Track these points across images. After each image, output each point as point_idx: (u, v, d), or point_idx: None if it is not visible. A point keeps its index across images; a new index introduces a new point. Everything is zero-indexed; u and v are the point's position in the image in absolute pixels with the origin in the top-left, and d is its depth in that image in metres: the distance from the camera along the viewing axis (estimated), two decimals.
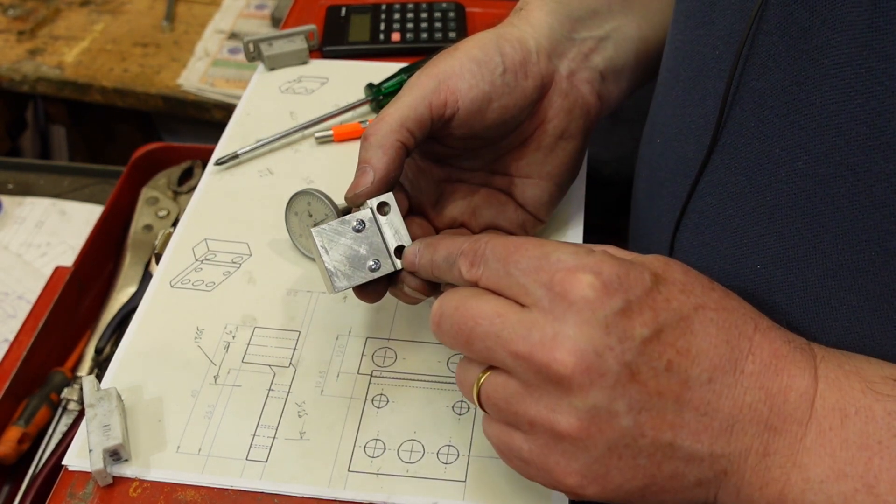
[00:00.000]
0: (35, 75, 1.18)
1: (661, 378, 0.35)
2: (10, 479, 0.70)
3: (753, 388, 0.35)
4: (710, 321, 0.36)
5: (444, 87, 0.46)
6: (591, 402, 0.34)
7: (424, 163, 0.51)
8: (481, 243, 0.39)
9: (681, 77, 0.47)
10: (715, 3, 0.43)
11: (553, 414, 0.35)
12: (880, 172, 0.36)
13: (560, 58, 0.51)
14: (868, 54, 0.35)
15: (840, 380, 0.36)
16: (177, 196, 0.87)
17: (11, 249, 0.90)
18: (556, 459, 0.36)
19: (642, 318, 0.35)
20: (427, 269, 0.43)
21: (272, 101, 0.70)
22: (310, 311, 0.54)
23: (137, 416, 0.48)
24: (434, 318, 0.39)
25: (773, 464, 0.36)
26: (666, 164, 0.49)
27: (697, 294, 0.36)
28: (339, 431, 0.47)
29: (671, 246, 0.49)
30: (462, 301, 0.38)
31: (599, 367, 0.34)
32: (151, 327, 0.53)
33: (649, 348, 0.35)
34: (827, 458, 0.35)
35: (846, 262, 0.38)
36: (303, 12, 0.82)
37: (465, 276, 0.39)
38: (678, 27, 0.48)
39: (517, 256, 0.37)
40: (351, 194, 0.45)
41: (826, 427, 0.35)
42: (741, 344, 0.36)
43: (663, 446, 0.35)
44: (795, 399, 0.36)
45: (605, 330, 0.34)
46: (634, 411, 0.35)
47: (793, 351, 0.37)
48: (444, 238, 0.42)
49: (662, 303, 0.35)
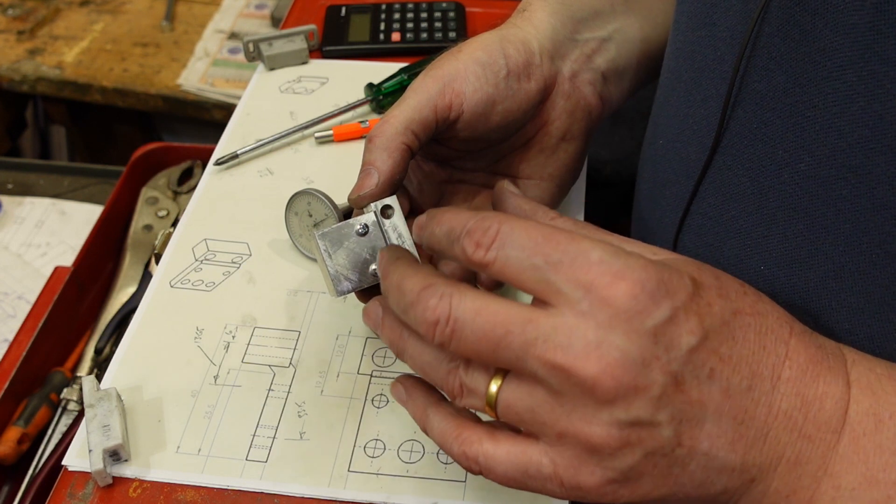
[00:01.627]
0: (35, 75, 1.18)
1: (704, 387, 0.33)
2: (9, 480, 0.70)
3: (790, 395, 0.34)
4: (748, 326, 0.35)
5: (448, 90, 0.46)
6: (634, 413, 0.33)
7: (426, 164, 0.51)
8: (493, 222, 0.35)
9: (683, 78, 0.47)
10: (717, 4, 0.43)
11: (588, 426, 0.33)
12: (882, 175, 0.36)
13: (563, 59, 0.51)
14: (870, 57, 0.35)
15: (873, 384, 0.35)
16: (177, 196, 0.87)
17: (11, 249, 0.90)
18: (590, 470, 0.34)
19: (689, 326, 0.33)
20: (429, 242, 0.39)
21: (272, 101, 0.70)
22: (310, 312, 0.53)
23: (137, 416, 0.48)
24: (445, 330, 0.34)
25: (804, 472, 0.35)
26: (669, 165, 0.49)
27: (733, 298, 0.35)
28: (339, 431, 0.47)
29: (674, 247, 0.49)
30: (484, 305, 0.34)
31: (646, 378, 0.32)
32: (151, 327, 0.53)
33: (695, 357, 0.33)
34: (860, 464, 0.34)
35: (848, 264, 0.38)
36: (303, 12, 0.82)
37: (470, 257, 0.35)
38: (679, 28, 0.48)
39: (547, 248, 0.33)
40: (355, 196, 0.45)
41: (860, 433, 0.34)
42: (778, 349, 0.35)
43: (698, 455, 0.34)
44: (831, 406, 0.35)
45: (654, 339, 0.32)
46: (676, 422, 0.33)
47: (827, 356, 0.36)
48: (448, 211, 0.38)
49: (706, 308, 0.34)
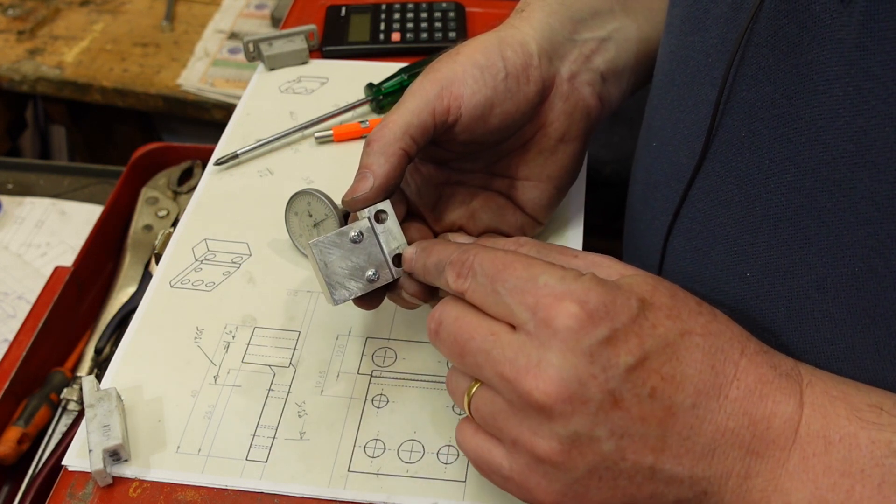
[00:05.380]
0: (35, 75, 1.18)
1: (645, 404, 0.35)
2: (9, 480, 0.70)
3: (737, 414, 0.36)
4: (695, 346, 0.36)
5: (447, 93, 0.46)
6: (573, 428, 0.35)
7: (424, 166, 0.51)
8: (470, 255, 0.39)
9: (675, 81, 0.47)
10: (708, 10, 0.43)
11: (534, 437, 0.35)
12: (865, 190, 0.36)
13: (561, 60, 0.51)
14: (856, 73, 0.35)
15: (825, 406, 0.36)
16: (177, 196, 0.87)
17: (11, 249, 0.90)
18: (537, 480, 0.36)
19: (627, 346, 0.35)
20: (420, 273, 0.43)
21: (272, 101, 0.70)
22: (310, 311, 0.54)
23: (137, 416, 0.48)
24: (432, 325, 0.39)
25: (754, 487, 0.36)
26: (660, 168, 0.49)
27: (684, 318, 0.36)
28: (339, 431, 0.47)
29: (663, 250, 0.49)
30: (463, 314, 0.38)
31: (582, 395, 0.34)
32: (151, 327, 0.53)
33: (633, 375, 0.35)
34: (809, 483, 0.35)
35: (831, 276, 0.39)
36: (303, 12, 0.82)
37: (451, 286, 0.39)
38: (673, 31, 0.48)
39: (505, 275, 0.37)
40: (349, 198, 0.45)
41: (809, 453, 0.35)
42: (726, 369, 0.36)
43: (644, 469, 0.35)
44: (779, 425, 0.36)
45: (590, 359, 0.34)
46: (616, 437, 0.35)
47: (779, 377, 0.37)
48: (438, 244, 0.43)
49: (648, 329, 0.35)
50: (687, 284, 0.39)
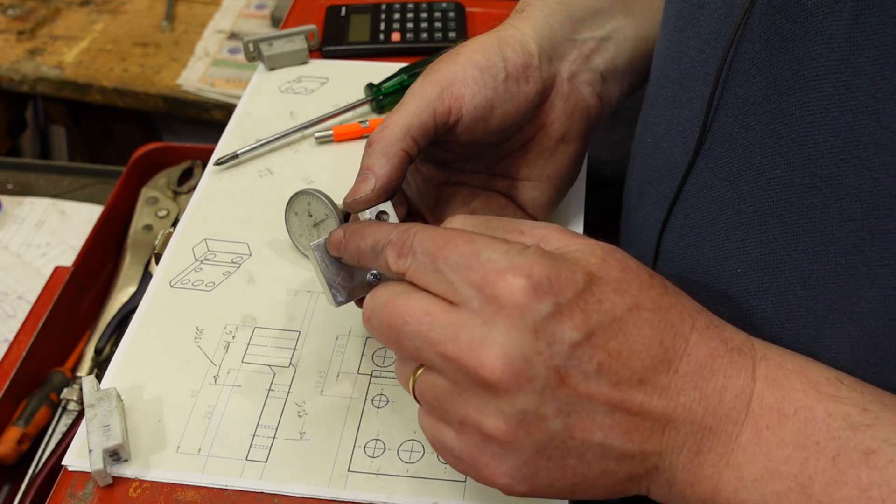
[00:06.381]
0: (35, 75, 1.18)
1: (591, 381, 0.34)
2: (9, 480, 0.70)
3: (688, 389, 0.35)
4: (644, 322, 0.35)
5: (447, 94, 0.46)
6: (519, 406, 0.34)
7: (425, 167, 0.51)
8: (410, 233, 0.37)
9: (670, 78, 0.47)
10: (703, 6, 0.43)
11: (481, 416, 0.35)
12: (850, 186, 0.36)
13: (561, 60, 0.51)
14: (845, 68, 0.35)
15: (780, 380, 0.36)
16: (177, 196, 0.87)
17: (11, 249, 0.90)
18: (486, 460, 0.36)
19: (572, 322, 0.34)
20: (353, 257, 0.41)
21: (272, 101, 0.70)
22: (310, 311, 0.54)
23: (137, 416, 0.48)
24: (365, 314, 0.38)
25: (706, 462, 0.35)
26: (655, 164, 0.49)
27: (633, 293, 0.36)
28: (339, 431, 0.47)
29: (657, 246, 0.49)
30: (392, 297, 0.37)
31: (527, 372, 0.34)
32: (151, 327, 0.53)
33: (579, 352, 0.34)
34: (762, 457, 0.35)
35: (815, 272, 0.39)
36: (303, 12, 0.82)
37: (391, 268, 0.38)
38: (668, 28, 0.48)
39: (446, 252, 0.36)
40: (350, 199, 0.45)
41: (763, 426, 0.35)
42: (676, 344, 0.36)
43: (593, 446, 0.35)
44: (731, 399, 0.35)
45: (534, 335, 0.34)
46: (563, 414, 0.34)
47: (730, 351, 0.36)
48: (370, 224, 0.41)
49: (594, 304, 0.35)
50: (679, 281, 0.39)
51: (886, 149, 0.34)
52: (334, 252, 0.43)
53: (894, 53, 0.33)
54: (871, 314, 0.37)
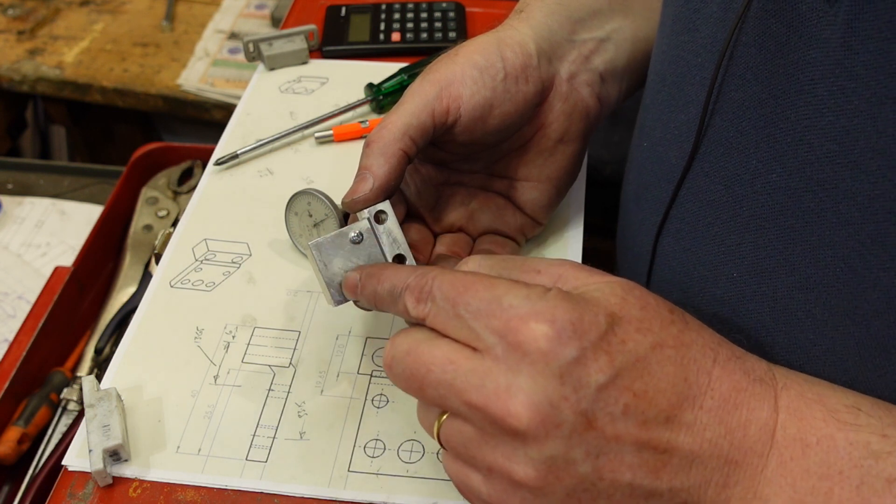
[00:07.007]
0: (35, 75, 1.18)
1: (619, 422, 0.34)
2: (9, 480, 0.70)
3: (713, 424, 0.35)
4: (667, 359, 0.35)
5: (445, 94, 0.46)
6: (548, 452, 0.34)
7: (423, 167, 0.51)
8: (428, 278, 0.37)
9: (667, 81, 0.47)
10: (699, 10, 0.43)
11: (510, 463, 0.34)
12: (847, 190, 0.36)
13: (560, 60, 0.51)
14: (840, 73, 0.35)
15: (801, 409, 0.36)
16: (177, 196, 0.87)
17: (11, 249, 0.90)
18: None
19: (597, 365, 0.34)
20: (370, 301, 0.41)
21: (272, 101, 0.70)
22: (310, 311, 0.54)
23: (137, 416, 0.48)
24: (386, 361, 0.38)
25: (733, 495, 0.35)
26: (651, 168, 0.49)
27: (655, 331, 0.36)
28: (339, 431, 0.47)
29: (654, 251, 0.49)
30: (414, 346, 0.36)
31: (555, 418, 0.33)
32: (151, 327, 0.53)
33: (605, 394, 0.34)
34: (787, 488, 0.35)
35: (813, 276, 0.39)
36: (303, 12, 0.82)
37: (411, 313, 0.38)
38: (665, 31, 0.48)
39: (467, 298, 0.35)
40: (349, 199, 0.45)
41: (787, 458, 0.35)
42: (700, 380, 0.35)
43: (622, 486, 0.35)
44: (755, 432, 0.35)
45: (560, 380, 0.33)
46: (592, 457, 0.34)
47: (752, 383, 0.36)
48: (387, 267, 0.41)
49: (618, 345, 0.34)
50: (676, 285, 0.39)
51: (883, 153, 0.34)
52: (350, 295, 0.43)
53: (889, 57, 0.33)
54: (876, 316, 0.37)
